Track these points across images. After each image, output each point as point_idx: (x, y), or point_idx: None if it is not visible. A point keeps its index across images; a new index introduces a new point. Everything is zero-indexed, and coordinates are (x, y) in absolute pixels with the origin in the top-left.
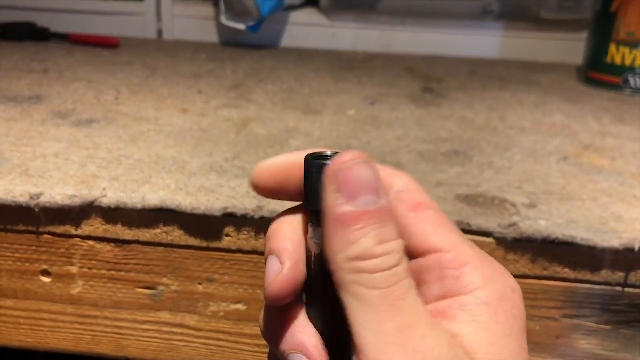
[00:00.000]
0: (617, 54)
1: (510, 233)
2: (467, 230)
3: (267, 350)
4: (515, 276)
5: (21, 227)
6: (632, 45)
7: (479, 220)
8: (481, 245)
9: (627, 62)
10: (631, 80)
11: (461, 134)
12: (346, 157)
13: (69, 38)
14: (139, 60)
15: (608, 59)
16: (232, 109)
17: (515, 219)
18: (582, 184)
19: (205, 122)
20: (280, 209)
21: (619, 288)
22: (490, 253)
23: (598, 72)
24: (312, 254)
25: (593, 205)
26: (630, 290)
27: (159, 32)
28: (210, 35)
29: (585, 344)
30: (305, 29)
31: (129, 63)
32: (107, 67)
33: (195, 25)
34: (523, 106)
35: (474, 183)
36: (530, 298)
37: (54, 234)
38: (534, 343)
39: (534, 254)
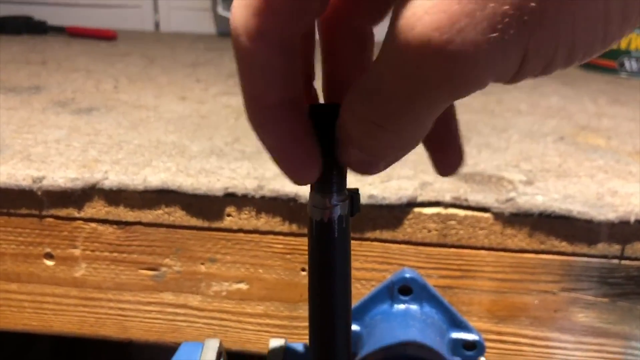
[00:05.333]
0: None
1: (508, 208)
2: (465, 207)
3: (272, 331)
4: (513, 251)
5: (24, 211)
6: None
7: (477, 197)
8: (479, 221)
9: (623, 45)
10: (627, 63)
11: (459, 116)
12: None
13: (66, 31)
14: (137, 51)
15: None
16: (231, 96)
17: (512, 194)
18: (578, 162)
19: (204, 109)
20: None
21: (615, 261)
22: (489, 228)
23: None
24: (313, 220)
25: (589, 181)
26: (627, 262)
27: (156, 24)
28: (207, 26)
29: (583, 317)
30: None
31: (127, 54)
32: (106, 58)
33: (193, 16)
34: (520, 89)
35: (471, 162)
36: (528, 273)
37: (56, 217)
38: (532, 317)
39: (532, 228)
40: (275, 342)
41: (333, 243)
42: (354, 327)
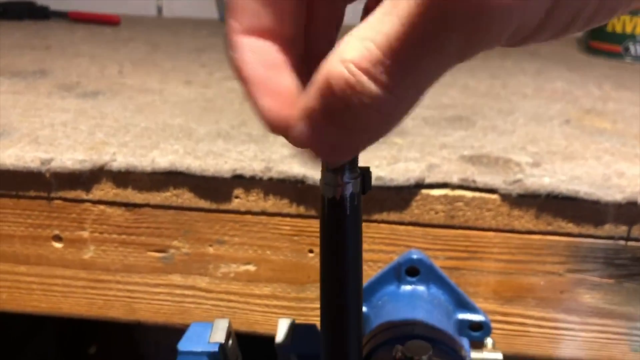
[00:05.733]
0: (618, 22)
1: (515, 189)
2: (472, 188)
3: (279, 312)
4: (520, 232)
5: (33, 193)
6: (633, 12)
7: (485, 178)
8: (486, 202)
9: (628, 29)
10: (632, 48)
11: (464, 100)
12: None
13: (68, 16)
14: (141, 36)
15: (609, 27)
16: (236, 81)
17: (519, 176)
18: (584, 144)
19: (210, 93)
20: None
21: (622, 242)
22: (496, 209)
23: (599, 41)
24: (325, 198)
25: (596, 163)
26: (633, 244)
27: (159, 10)
28: (209, 11)
29: (589, 298)
30: None
31: (131, 39)
32: (109, 44)
33: (195, 2)
34: (525, 74)
35: (478, 145)
36: (534, 254)
37: (65, 200)
38: (538, 298)
39: (539, 209)
40: (284, 322)
41: (344, 221)
42: None
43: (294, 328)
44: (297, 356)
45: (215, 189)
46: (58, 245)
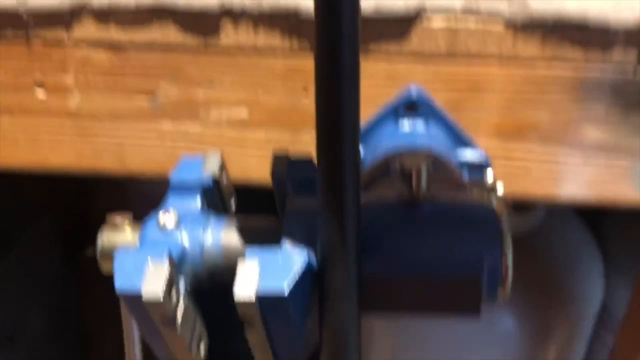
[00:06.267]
0: None
1: (520, 16)
2: (476, 16)
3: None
4: (524, 65)
5: (10, 35)
6: None
7: (489, 5)
8: (490, 33)
9: None
10: None
11: None
12: None
13: None
14: None
15: None
16: None
17: (525, 2)
18: None
19: None
20: None
21: (630, 76)
22: (500, 39)
23: None
24: None
25: None
26: None
27: None
28: None
29: (593, 131)
30: None
31: None
32: None
33: None
34: None
35: None
36: (539, 88)
37: (45, 42)
38: (541, 134)
39: (544, 37)
40: (280, 154)
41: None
42: None
43: (289, 159)
44: (293, 183)
45: (202, 24)
46: (41, 93)
